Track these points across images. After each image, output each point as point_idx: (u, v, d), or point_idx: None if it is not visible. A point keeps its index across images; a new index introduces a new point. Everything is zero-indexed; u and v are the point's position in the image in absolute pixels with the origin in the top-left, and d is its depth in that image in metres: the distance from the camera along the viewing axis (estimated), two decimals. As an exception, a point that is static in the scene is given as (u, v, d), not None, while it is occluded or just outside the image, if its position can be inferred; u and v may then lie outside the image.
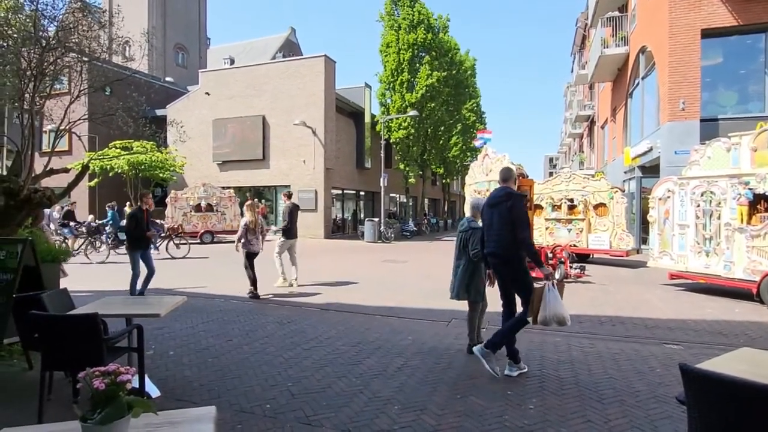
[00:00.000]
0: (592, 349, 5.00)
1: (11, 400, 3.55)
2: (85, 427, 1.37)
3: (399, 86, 24.16)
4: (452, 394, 3.74)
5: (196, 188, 20.01)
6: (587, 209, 12.59)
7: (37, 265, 4.17)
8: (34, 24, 5.17)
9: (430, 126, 25.50)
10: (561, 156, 52.49)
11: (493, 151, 11.70)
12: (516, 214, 4.03)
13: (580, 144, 38.22)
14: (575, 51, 30.88)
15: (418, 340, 5.36)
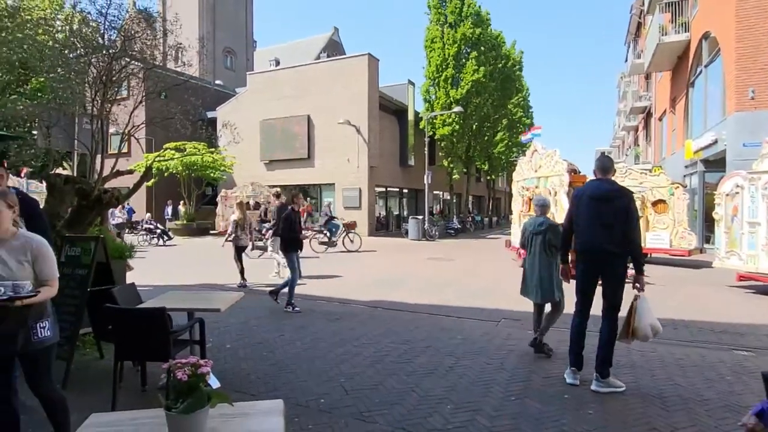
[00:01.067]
0: (653, 354, 4.76)
1: (86, 387, 3.81)
2: (169, 416, 1.45)
3: (444, 82, 23.92)
4: (506, 396, 3.67)
5: (244, 187, 20.72)
6: (645, 206, 11.98)
7: (107, 261, 4.45)
8: (102, 35, 5.50)
9: (476, 122, 25.08)
10: (614, 150, 50.22)
11: (542, 146, 11.36)
12: (633, 210, 3.79)
13: (635, 137, 36.42)
14: (630, 39, 29.42)
15: (468, 339, 5.29)
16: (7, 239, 2.38)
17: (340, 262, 12.47)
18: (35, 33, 5.25)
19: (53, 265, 2.47)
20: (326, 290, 8.31)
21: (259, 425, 1.67)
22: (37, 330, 2.40)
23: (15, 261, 2.35)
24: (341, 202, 22.70)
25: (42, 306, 2.44)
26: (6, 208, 2.35)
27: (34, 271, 2.40)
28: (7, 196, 2.41)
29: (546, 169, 10.80)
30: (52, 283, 2.45)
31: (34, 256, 2.39)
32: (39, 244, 2.43)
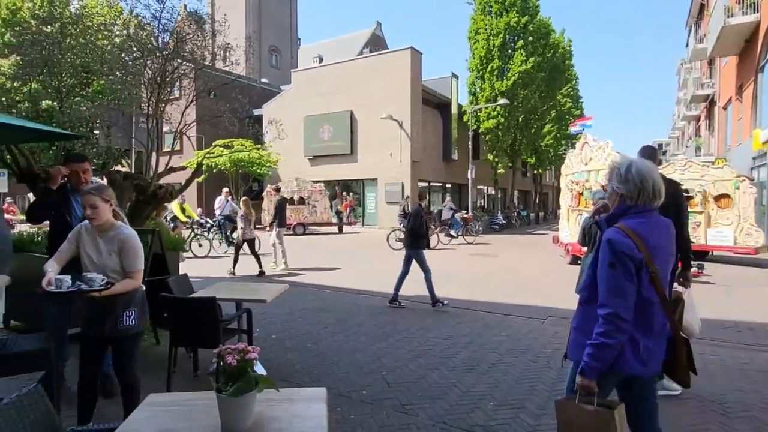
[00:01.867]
0: (713, 357, 4.48)
1: (144, 370, 4.02)
2: (220, 398, 1.52)
3: (489, 74, 23.42)
4: (552, 395, 3.57)
5: (289, 182, 21.20)
6: (706, 201, 11.25)
7: (163, 252, 4.69)
8: (156, 38, 5.78)
9: (522, 114, 24.42)
10: (672, 141, 47.41)
11: (593, 138, 10.90)
12: (682, 204, 3.60)
13: (696, 127, 34.25)
14: (691, 22, 27.63)
15: (512, 336, 5.19)
16: (106, 230, 2.59)
17: (383, 257, 12.53)
18: (96, 38, 5.59)
19: (136, 258, 2.62)
20: (369, 284, 8.38)
21: (303, 410, 1.72)
22: (123, 318, 2.59)
23: (106, 251, 2.57)
24: (383, 197, 22.79)
25: (129, 296, 2.62)
26: (102, 202, 2.54)
27: (120, 261, 2.58)
28: (101, 191, 2.60)
29: (597, 162, 10.36)
30: (133, 275, 2.61)
31: (119, 247, 2.58)
32: (126, 236, 2.60)
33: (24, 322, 4.85)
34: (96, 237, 2.61)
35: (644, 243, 1.84)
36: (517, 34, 23.23)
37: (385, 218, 22.74)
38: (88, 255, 2.59)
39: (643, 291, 1.84)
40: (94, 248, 2.59)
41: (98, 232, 2.61)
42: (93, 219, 2.55)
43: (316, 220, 20.44)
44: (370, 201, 23.96)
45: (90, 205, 2.52)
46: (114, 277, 2.56)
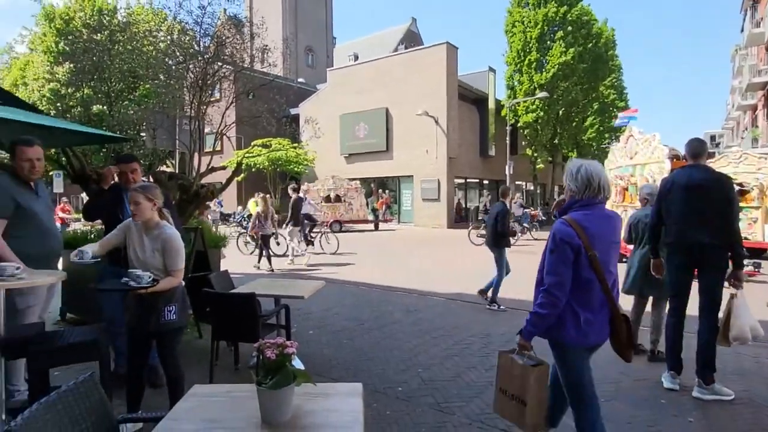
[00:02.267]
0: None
1: (188, 363, 4.20)
2: (260, 390, 1.57)
3: (527, 67, 22.87)
4: (593, 397, 3.46)
5: (325, 180, 21.49)
6: (764, 195, 10.56)
7: (205, 249, 4.87)
8: (197, 42, 5.98)
9: (562, 107, 23.72)
10: (726, 133, 44.78)
11: (639, 131, 10.45)
12: (734, 198, 3.44)
13: (752, 117, 32.18)
14: (747, 6, 25.97)
15: (552, 335, 5.05)
16: (151, 229, 2.71)
17: (420, 254, 12.51)
18: (142, 44, 5.86)
19: (177, 257, 2.73)
20: (405, 282, 8.38)
21: (339, 405, 1.75)
22: (165, 313, 2.71)
23: (150, 249, 2.69)
24: (419, 194, 22.71)
25: (170, 293, 2.74)
26: (145, 200, 2.66)
27: (163, 259, 2.71)
28: (147, 190, 2.72)
29: (643, 155, 9.93)
30: (175, 273, 2.73)
31: (162, 247, 2.69)
32: (168, 236, 2.71)
33: (79, 315, 5.15)
34: (142, 234, 2.73)
35: (584, 231, 2.13)
36: (557, 25, 22.55)
37: (421, 215, 22.68)
38: (134, 251, 2.72)
39: (583, 272, 2.13)
40: (139, 245, 2.72)
41: (144, 230, 2.73)
42: (135, 215, 2.68)
43: (352, 218, 20.62)
44: (406, 198, 23.93)
45: (134, 201, 2.64)
46: (157, 275, 2.68)
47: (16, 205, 2.89)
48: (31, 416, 1.43)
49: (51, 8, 16.51)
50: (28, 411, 1.43)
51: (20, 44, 19.41)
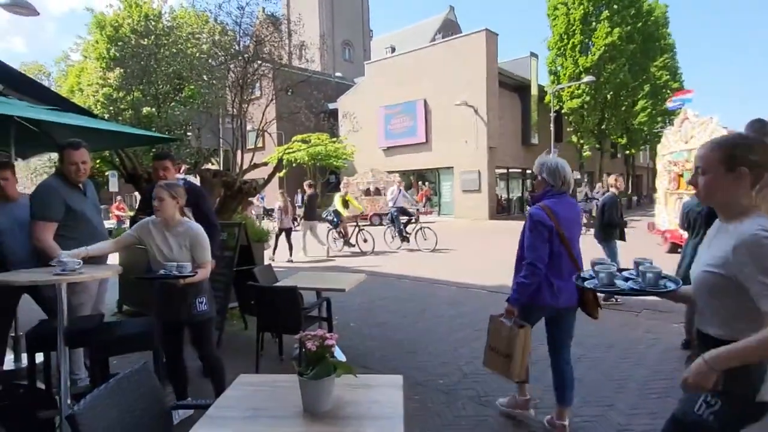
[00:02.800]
0: None
1: (235, 353, 4.36)
2: (302, 381, 1.61)
3: (570, 50, 21.99)
4: (644, 394, 3.32)
5: (365, 174, 21.60)
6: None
7: (249, 244, 5.02)
8: (237, 42, 6.14)
9: (610, 91, 22.64)
10: (791, 111, 41.42)
11: (694, 113, 9.84)
12: None
13: (821, 93, 29.59)
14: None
15: (600, 330, 4.86)
16: (174, 226, 2.81)
17: (461, 246, 12.38)
18: (186, 47, 6.08)
19: (206, 251, 2.84)
20: (446, 274, 8.32)
21: (380, 396, 1.76)
22: (196, 304, 2.82)
23: (177, 245, 2.79)
24: (459, 185, 22.43)
25: (200, 285, 2.85)
26: (169, 197, 2.74)
27: (191, 255, 2.81)
28: (172, 187, 2.82)
29: (700, 139, 9.34)
30: (205, 265, 2.84)
31: (191, 242, 2.80)
32: (196, 232, 2.82)
33: (134, 307, 5.45)
34: (164, 232, 2.79)
35: (555, 216, 2.66)
36: (602, 5, 21.51)
37: (462, 207, 22.40)
38: (158, 249, 2.78)
39: (555, 248, 2.68)
40: (163, 243, 2.78)
41: (166, 227, 2.80)
42: (157, 211, 2.75)
43: (392, 211, 20.65)
44: (446, 190, 23.70)
45: (158, 197, 2.73)
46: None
47: (67, 207, 3.04)
48: (92, 401, 1.52)
49: (102, 16, 17.44)
50: (89, 396, 1.53)
51: (75, 52, 20.63)
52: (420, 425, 2.93)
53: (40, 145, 4.34)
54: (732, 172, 1.41)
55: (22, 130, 3.84)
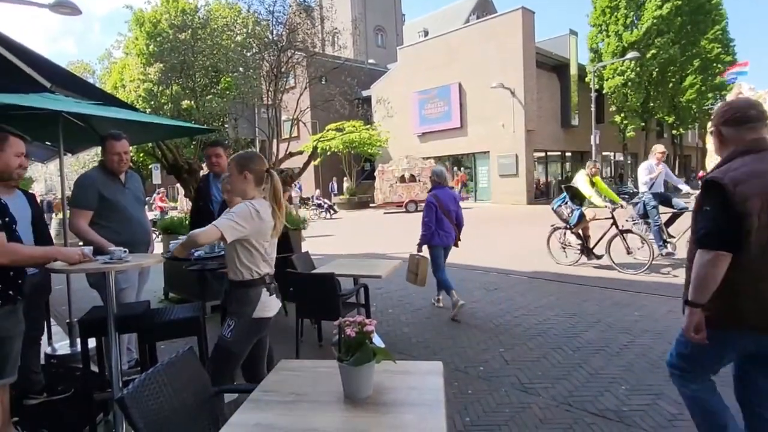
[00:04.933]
0: None
1: (275, 339, 4.42)
2: (341, 367, 1.61)
3: (614, 25, 20.93)
4: (698, 383, 3.15)
5: (399, 160, 21.48)
6: None
7: (287, 232, 5.08)
8: (271, 32, 6.17)
9: (656, 67, 21.45)
10: None
11: (750, 87, 9.16)
12: None
13: None
14: None
15: (649, 316, 4.68)
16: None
17: (498, 232, 12.17)
18: (221, 39, 6.16)
19: None
20: (482, 260, 8.18)
21: (420, 383, 1.74)
22: None
23: None
24: (496, 170, 21.98)
25: None
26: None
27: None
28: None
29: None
30: None
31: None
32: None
33: (180, 294, 5.65)
34: None
35: (439, 199, 5.03)
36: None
37: (499, 192, 21.98)
38: None
39: (439, 215, 5.01)
40: None
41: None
42: (230, 202, 2.88)
43: (427, 197, 20.54)
44: (482, 175, 23.29)
45: (225, 190, 2.86)
46: None
47: (101, 197, 3.17)
48: (141, 385, 1.57)
49: (141, 13, 17.97)
50: (138, 380, 1.58)
51: (117, 49, 21.38)
52: (461, 412, 2.90)
53: (86, 139, 4.52)
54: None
55: (69, 126, 4.01)
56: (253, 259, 2.28)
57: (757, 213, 1.74)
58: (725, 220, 1.77)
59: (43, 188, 32.98)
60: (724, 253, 1.77)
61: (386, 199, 21.09)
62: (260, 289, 2.30)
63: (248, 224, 2.19)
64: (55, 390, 3.25)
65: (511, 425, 2.74)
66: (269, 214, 2.28)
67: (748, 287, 1.79)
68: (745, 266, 1.77)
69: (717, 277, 1.79)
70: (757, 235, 1.74)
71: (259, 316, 2.30)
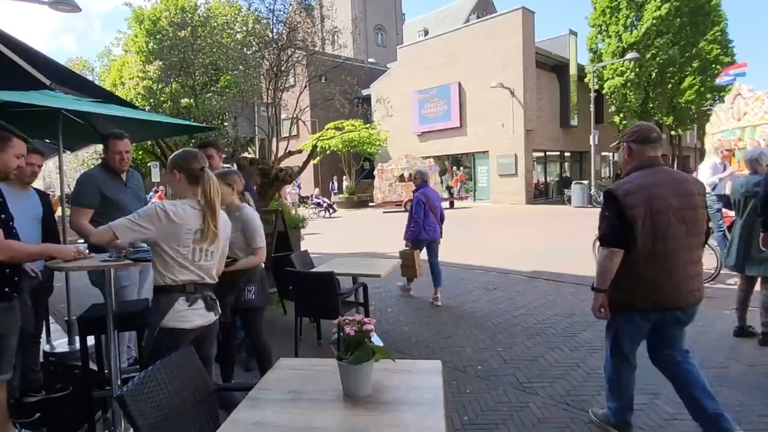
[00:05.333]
0: None
1: (274, 337, 4.43)
2: (340, 365, 1.61)
3: (614, 25, 20.92)
4: (696, 383, 3.16)
5: (399, 160, 21.47)
6: None
7: (285, 230, 5.09)
8: (271, 30, 6.16)
9: (656, 68, 21.44)
10: None
11: (749, 88, 9.19)
12: None
13: None
14: None
15: (646, 316, 4.69)
16: (232, 211, 2.87)
17: (497, 232, 12.18)
18: (221, 37, 6.16)
19: (256, 235, 2.88)
20: (482, 260, 8.20)
21: (419, 382, 1.75)
22: (245, 293, 2.91)
23: (233, 230, 2.84)
24: (496, 169, 21.98)
25: (250, 273, 2.91)
26: (224, 186, 2.80)
27: (245, 239, 2.87)
28: (226, 176, 2.90)
29: (754, 116, 8.75)
30: (256, 251, 2.89)
31: (243, 226, 2.86)
32: (247, 216, 2.88)
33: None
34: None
35: (427, 197, 5.47)
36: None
37: (498, 192, 21.99)
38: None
39: (426, 212, 5.41)
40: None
41: (228, 214, 2.86)
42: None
43: (426, 196, 20.55)
44: (482, 174, 23.29)
45: None
46: (240, 255, 2.85)
47: (103, 195, 3.17)
48: (140, 383, 1.57)
49: (140, 10, 17.93)
50: (137, 378, 1.58)
51: (116, 47, 21.31)
52: (459, 411, 2.91)
53: (85, 137, 4.52)
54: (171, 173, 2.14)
55: (69, 123, 4.00)
56: (166, 264, 2.05)
57: (641, 219, 2.19)
58: (620, 224, 2.23)
59: (42, 185, 32.94)
60: (617, 249, 2.25)
61: (385, 198, 21.11)
62: (174, 298, 2.06)
63: (151, 225, 1.99)
64: (54, 388, 3.25)
65: (509, 424, 2.75)
66: (190, 216, 2.04)
67: (635, 277, 2.26)
68: (633, 260, 2.24)
69: (613, 268, 2.27)
70: (641, 236, 2.20)
71: (171, 327, 2.04)
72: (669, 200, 2.22)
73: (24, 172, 3.00)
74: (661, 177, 2.30)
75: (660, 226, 2.20)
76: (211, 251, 2.15)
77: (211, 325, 2.19)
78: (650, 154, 2.37)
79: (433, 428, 1.42)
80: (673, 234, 2.22)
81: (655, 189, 2.23)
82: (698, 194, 2.33)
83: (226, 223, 2.25)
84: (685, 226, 2.24)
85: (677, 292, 2.28)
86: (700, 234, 2.32)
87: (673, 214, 2.22)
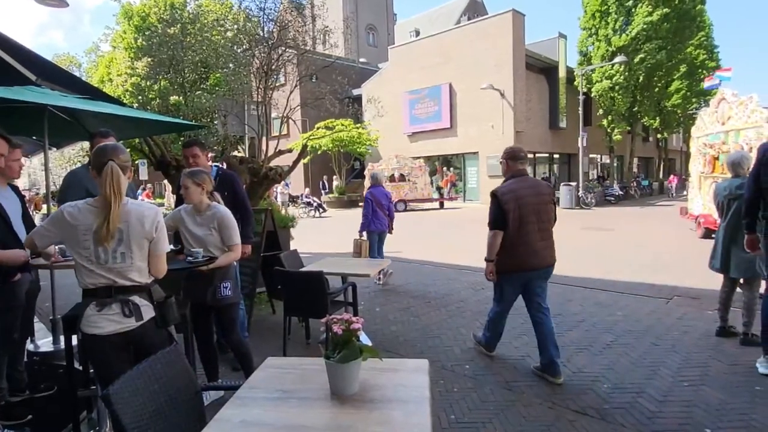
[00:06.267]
0: None
1: (263, 337, 4.45)
2: (328, 364, 1.62)
3: (604, 29, 21.17)
4: (677, 381, 3.23)
5: (389, 160, 21.49)
6: None
7: (275, 230, 5.07)
8: (262, 28, 6.13)
9: (643, 72, 21.72)
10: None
11: (733, 93, 9.37)
12: None
13: None
14: None
15: (631, 316, 4.77)
16: (203, 211, 2.89)
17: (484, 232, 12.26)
18: (211, 35, 6.12)
19: (233, 233, 2.90)
20: (470, 260, 8.24)
21: (406, 380, 1.76)
22: (221, 289, 2.90)
23: (206, 229, 2.86)
24: (485, 170, 22.11)
25: (225, 270, 2.92)
26: (193, 185, 2.83)
27: (220, 237, 2.86)
28: (195, 175, 2.88)
29: (738, 120, 8.93)
30: (233, 248, 2.90)
31: (218, 224, 2.87)
32: (222, 214, 2.89)
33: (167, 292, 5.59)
34: (195, 217, 2.91)
35: (374, 196, 6.35)
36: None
37: (487, 192, 22.07)
38: (190, 233, 2.89)
39: (375, 208, 6.30)
40: (195, 227, 2.89)
41: (196, 212, 2.91)
42: (185, 197, 2.87)
43: (416, 197, 20.57)
44: (472, 175, 23.41)
45: (183, 185, 2.84)
46: (215, 252, 2.87)
47: (89, 195, 3.11)
48: (125, 381, 1.57)
49: (129, 6, 17.71)
50: (123, 377, 1.57)
51: (104, 43, 21.03)
52: (446, 409, 2.93)
53: (72, 134, 4.46)
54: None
55: (55, 120, 3.95)
56: (78, 268, 1.94)
57: (512, 211, 3.28)
58: (499, 213, 3.33)
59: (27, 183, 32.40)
60: (498, 231, 3.36)
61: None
62: (86, 303, 1.96)
63: (55, 228, 1.93)
64: (38, 387, 3.21)
65: (495, 422, 2.78)
66: (86, 215, 1.90)
67: (509, 249, 3.35)
68: (507, 238, 3.33)
69: (497, 244, 3.38)
70: (512, 222, 3.28)
71: (84, 332, 1.96)
72: (528, 198, 3.31)
73: (13, 170, 2.97)
74: (525, 183, 3.41)
75: (524, 215, 3.28)
76: (121, 252, 1.93)
77: (134, 330, 1.97)
78: (519, 167, 3.49)
79: (419, 425, 1.43)
80: (531, 220, 3.31)
81: (520, 191, 3.33)
82: (548, 194, 3.46)
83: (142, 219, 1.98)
84: (538, 216, 3.34)
85: (536, 258, 3.37)
86: (549, 221, 3.44)
87: (531, 208, 3.31)
